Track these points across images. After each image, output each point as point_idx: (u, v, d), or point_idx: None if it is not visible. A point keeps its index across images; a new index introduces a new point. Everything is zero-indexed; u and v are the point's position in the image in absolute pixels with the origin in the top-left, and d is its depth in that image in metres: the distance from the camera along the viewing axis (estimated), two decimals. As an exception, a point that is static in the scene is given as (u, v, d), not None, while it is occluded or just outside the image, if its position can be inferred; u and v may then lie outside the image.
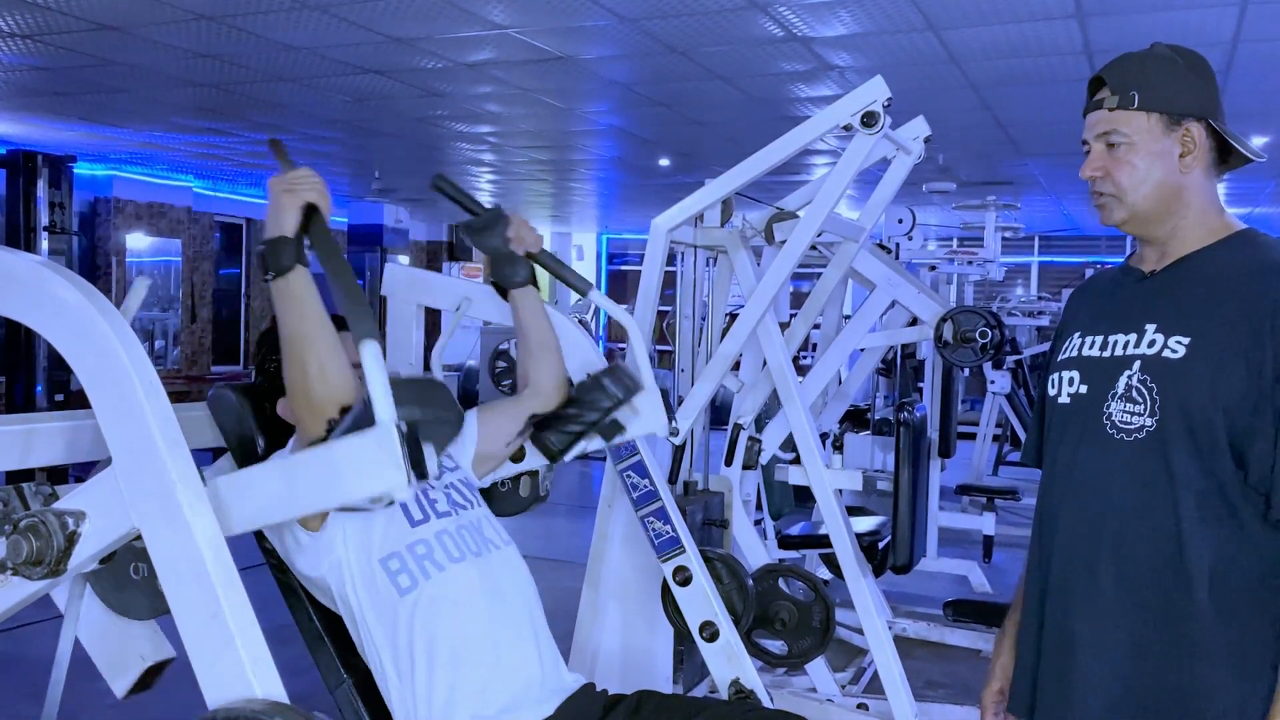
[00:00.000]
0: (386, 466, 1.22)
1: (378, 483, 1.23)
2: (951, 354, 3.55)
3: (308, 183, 1.56)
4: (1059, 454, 1.60)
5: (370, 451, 1.23)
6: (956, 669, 4.21)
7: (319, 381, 1.51)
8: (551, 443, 1.97)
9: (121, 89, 6.78)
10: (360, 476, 1.24)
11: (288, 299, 1.54)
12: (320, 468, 1.27)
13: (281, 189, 1.56)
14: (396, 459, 1.21)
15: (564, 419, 1.98)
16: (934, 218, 10.75)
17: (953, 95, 6.13)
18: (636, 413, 2.03)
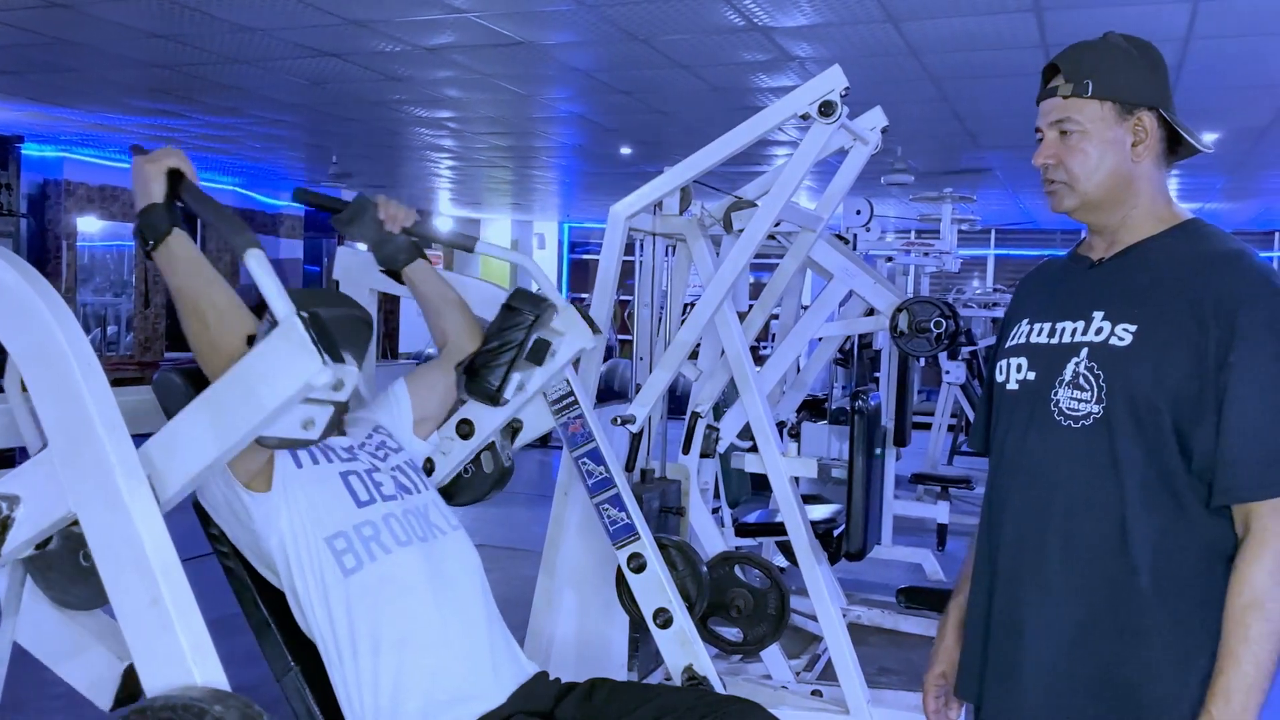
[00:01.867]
0: (297, 355, 1.20)
1: (293, 376, 1.20)
2: (907, 344, 3.58)
3: (166, 151, 1.59)
4: (1007, 441, 1.62)
5: (278, 347, 1.21)
6: (910, 655, 4.25)
7: (219, 327, 1.49)
8: (486, 383, 1.96)
9: (72, 68, 6.64)
10: (276, 376, 1.21)
11: (172, 261, 1.55)
12: (237, 386, 1.24)
13: (143, 162, 1.59)
14: (305, 343, 1.19)
15: (489, 354, 1.98)
16: (892, 210, 10.84)
17: (912, 87, 6.17)
18: (560, 333, 2.05)
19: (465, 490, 2.18)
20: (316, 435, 1.27)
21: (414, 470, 1.89)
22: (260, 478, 1.64)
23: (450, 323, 2.07)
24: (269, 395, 1.22)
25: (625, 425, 2.91)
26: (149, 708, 1.12)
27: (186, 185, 1.57)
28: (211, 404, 1.27)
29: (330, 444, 1.82)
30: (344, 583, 1.63)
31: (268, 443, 1.29)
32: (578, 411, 2.36)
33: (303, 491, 1.66)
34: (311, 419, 1.25)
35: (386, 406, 2.03)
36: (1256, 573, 1.39)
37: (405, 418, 2.01)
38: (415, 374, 2.09)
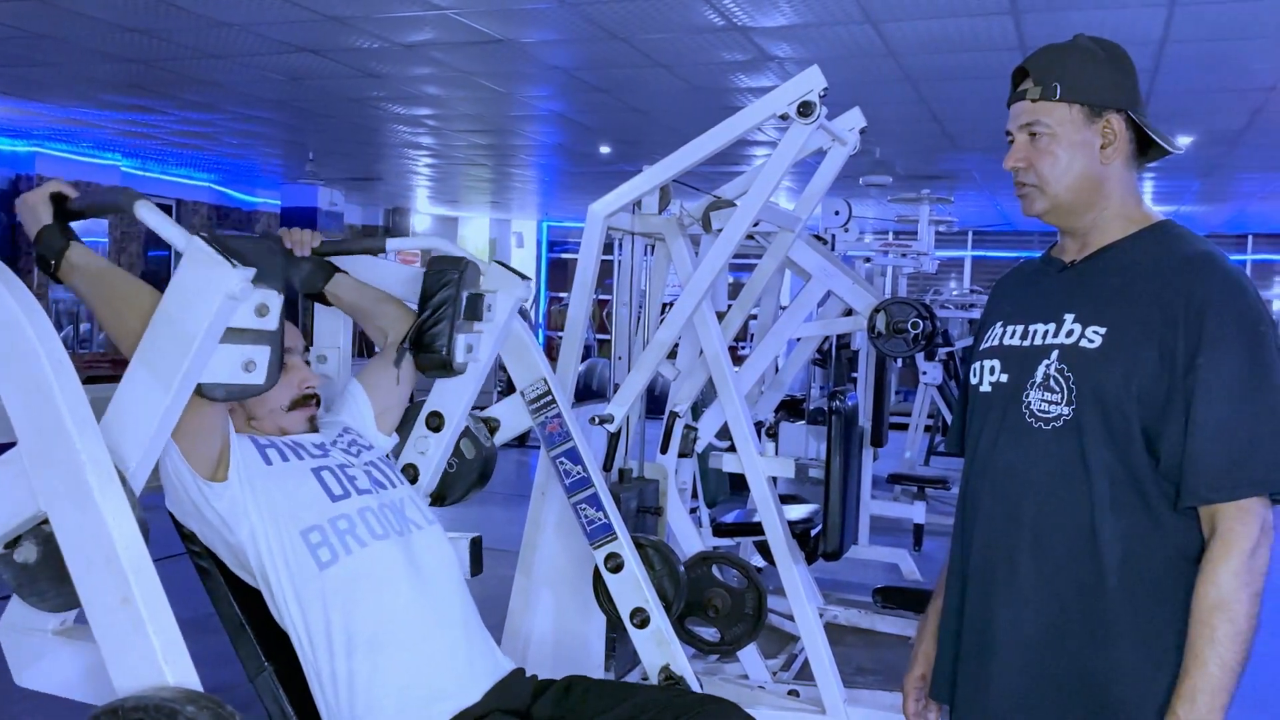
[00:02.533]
0: (207, 270, 1.22)
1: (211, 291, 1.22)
2: (884, 344, 3.59)
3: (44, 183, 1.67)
4: (980, 442, 1.62)
5: (187, 270, 1.24)
6: (886, 655, 4.26)
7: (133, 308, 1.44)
8: (436, 349, 1.94)
9: (45, 62, 6.56)
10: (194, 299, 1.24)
11: (75, 272, 1.57)
12: (162, 326, 1.27)
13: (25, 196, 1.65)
14: (212, 256, 1.22)
15: (427, 323, 1.96)
16: (870, 210, 10.88)
17: (890, 88, 6.19)
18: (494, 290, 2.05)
19: (455, 484, 2.17)
20: (262, 377, 1.27)
21: (388, 466, 1.88)
22: (219, 467, 1.64)
23: (384, 318, 2.07)
24: (193, 321, 1.24)
25: (603, 425, 2.91)
26: (120, 708, 1.11)
27: (70, 200, 1.64)
28: (145, 355, 1.28)
29: (301, 441, 1.80)
30: (319, 577, 1.62)
31: (213, 393, 1.29)
32: (555, 411, 2.35)
33: (274, 487, 1.65)
34: (251, 359, 1.26)
35: (348, 406, 2.03)
36: (1222, 574, 1.40)
37: (366, 413, 2.01)
38: (366, 369, 2.09)
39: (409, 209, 15.14)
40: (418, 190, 13.29)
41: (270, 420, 1.81)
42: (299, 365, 1.86)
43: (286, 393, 1.82)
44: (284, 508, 1.65)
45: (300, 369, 1.85)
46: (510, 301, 2.10)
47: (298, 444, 1.79)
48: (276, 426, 1.81)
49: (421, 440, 2.13)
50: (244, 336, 1.27)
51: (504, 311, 2.09)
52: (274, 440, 1.77)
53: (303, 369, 1.86)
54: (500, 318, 2.09)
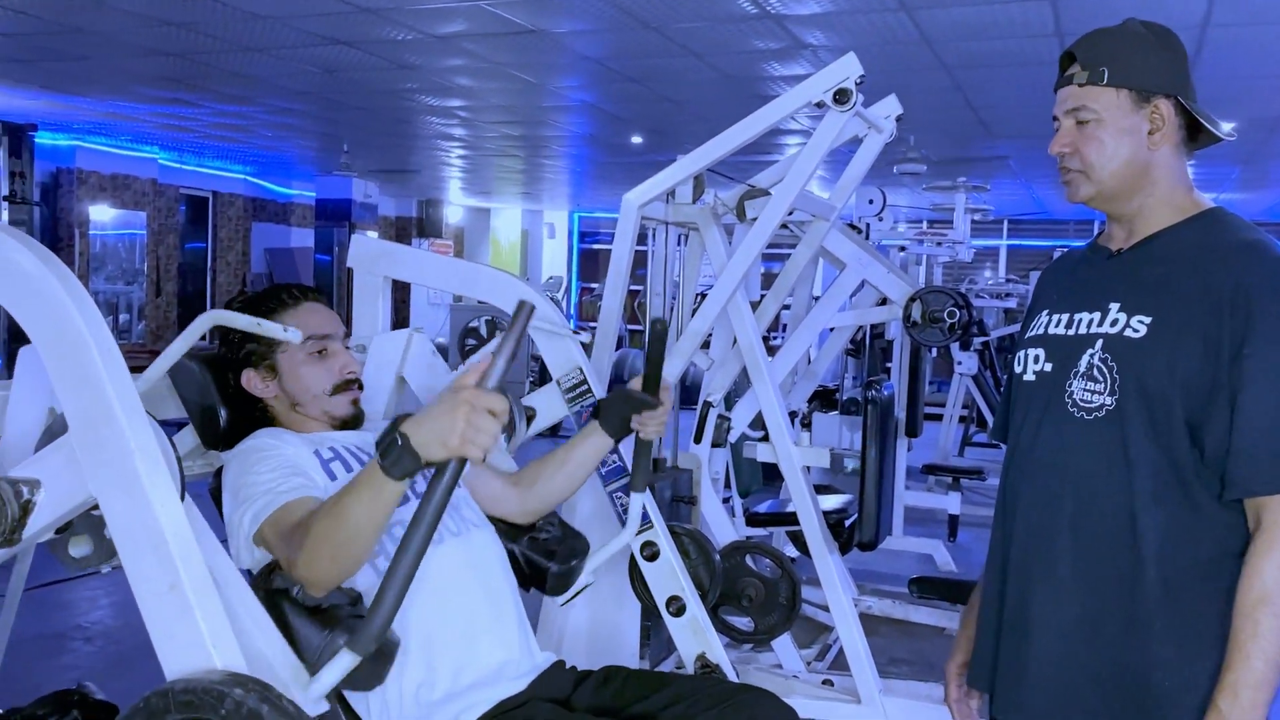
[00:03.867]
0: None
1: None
2: (919, 334, 3.57)
3: (489, 433, 1.28)
4: (1022, 432, 1.61)
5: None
6: (921, 646, 4.24)
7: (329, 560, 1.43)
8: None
9: (84, 56, 6.65)
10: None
11: (373, 494, 1.38)
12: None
13: (463, 425, 1.26)
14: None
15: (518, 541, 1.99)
16: (904, 199, 10.80)
17: (925, 76, 6.15)
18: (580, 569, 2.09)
19: None
20: None
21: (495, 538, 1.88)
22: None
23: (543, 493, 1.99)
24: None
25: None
26: (170, 690, 1.12)
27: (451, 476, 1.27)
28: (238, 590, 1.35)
29: (364, 447, 1.81)
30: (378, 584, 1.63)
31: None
32: (591, 400, 2.36)
33: None
34: None
35: None
36: (1268, 568, 1.38)
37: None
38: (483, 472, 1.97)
39: (442, 200, 15.21)
40: (450, 182, 13.35)
41: (314, 405, 1.82)
42: (340, 351, 1.86)
43: (328, 378, 1.83)
44: None
45: (341, 354, 1.86)
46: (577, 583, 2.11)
47: (359, 451, 1.79)
48: (321, 410, 1.83)
49: None
50: None
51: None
52: (336, 450, 1.76)
53: (344, 354, 1.87)
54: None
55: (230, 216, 12.88)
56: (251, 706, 1.09)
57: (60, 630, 4.14)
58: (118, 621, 4.35)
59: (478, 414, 1.26)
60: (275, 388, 1.82)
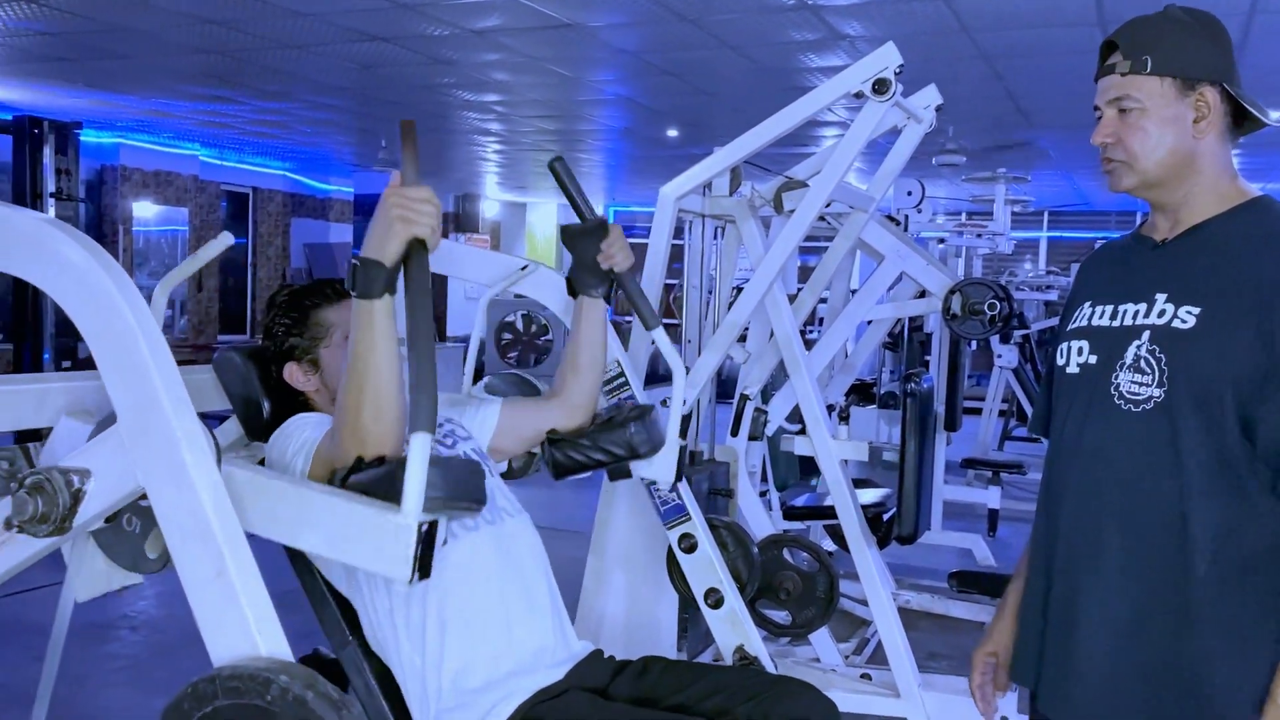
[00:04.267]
0: (396, 558, 1.24)
1: (382, 565, 1.25)
2: (959, 326, 3.54)
3: (424, 212, 1.42)
4: (1066, 425, 1.59)
5: (387, 535, 1.25)
6: (959, 641, 4.21)
7: (373, 413, 1.42)
8: (560, 461, 1.97)
9: (127, 55, 6.75)
10: (369, 550, 1.26)
11: (366, 325, 1.43)
12: (335, 519, 1.29)
13: (396, 212, 1.41)
14: (407, 555, 1.23)
15: (578, 448, 1.97)
16: (942, 191, 10.71)
17: (963, 66, 6.09)
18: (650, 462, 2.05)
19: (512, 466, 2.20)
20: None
21: (480, 455, 1.89)
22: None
23: (579, 386, 2.01)
24: (354, 553, 1.29)
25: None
26: (217, 676, 1.14)
27: (419, 264, 1.41)
28: (306, 504, 1.32)
29: None
30: None
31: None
32: (629, 392, 2.36)
33: None
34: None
35: (470, 414, 1.98)
36: None
37: (485, 433, 1.97)
38: (512, 405, 2.03)
39: (478, 195, 15.27)
40: (486, 176, 13.40)
41: None
42: None
43: None
44: None
45: None
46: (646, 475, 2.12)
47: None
48: None
49: None
50: None
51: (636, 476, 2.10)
52: None
53: None
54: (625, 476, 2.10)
55: (270, 212, 13.02)
56: (296, 693, 1.11)
57: (107, 619, 4.22)
58: (162, 612, 4.42)
59: (405, 200, 1.40)
60: (316, 381, 1.84)
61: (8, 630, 4.01)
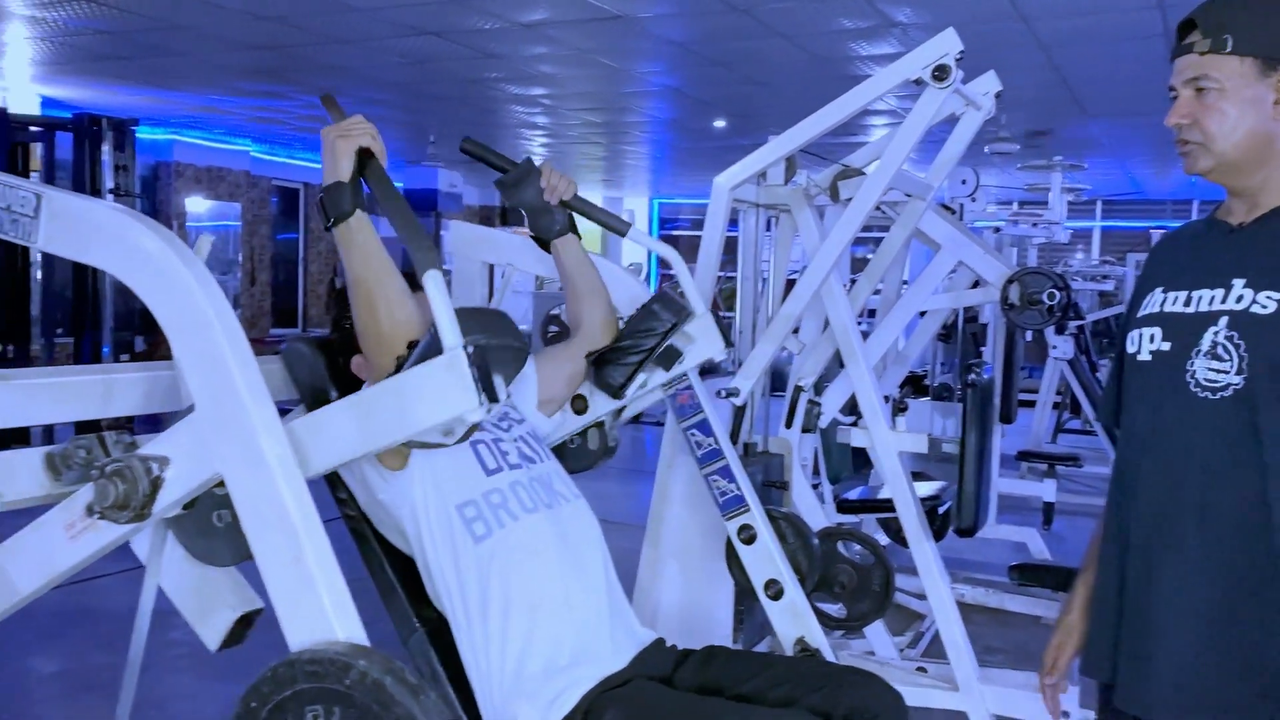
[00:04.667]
0: (456, 389, 1.23)
1: (449, 406, 1.24)
2: (1018, 316, 3.48)
3: (360, 127, 1.56)
4: (1139, 413, 1.56)
5: (440, 376, 1.24)
6: (1016, 635, 4.17)
7: (386, 320, 1.51)
8: (611, 377, 1.99)
9: (182, 52, 6.85)
10: (431, 402, 1.25)
11: (350, 244, 1.54)
12: (392, 399, 1.28)
13: (334, 135, 1.55)
14: (466, 381, 1.22)
15: (620, 351, 2.01)
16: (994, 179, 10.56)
17: (1018, 53, 5.99)
18: (691, 340, 2.05)
19: (569, 460, 2.20)
20: (453, 441, 1.30)
21: (536, 440, 1.90)
22: (397, 458, 1.68)
23: (589, 310, 2.07)
24: (420, 416, 1.27)
25: (729, 398, 2.90)
26: (296, 661, 1.15)
27: (374, 169, 1.54)
28: (363, 406, 1.32)
29: None
30: (474, 549, 1.66)
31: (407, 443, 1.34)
32: (687, 383, 2.36)
33: (437, 462, 1.69)
34: (452, 430, 1.29)
35: (515, 382, 2.03)
36: None
37: (531, 396, 2.02)
38: (544, 354, 2.10)
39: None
40: (532, 170, 13.43)
41: None
42: None
43: None
44: (443, 482, 1.69)
45: None
46: (701, 358, 2.13)
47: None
48: None
49: (560, 412, 2.16)
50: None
51: (691, 364, 2.13)
52: None
53: None
54: (684, 369, 2.13)
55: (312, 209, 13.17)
56: (375, 678, 1.11)
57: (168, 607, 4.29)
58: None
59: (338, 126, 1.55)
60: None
61: (71, 618, 4.10)
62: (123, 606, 2.04)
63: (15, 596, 1.41)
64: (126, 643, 1.99)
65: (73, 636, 4.01)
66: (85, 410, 1.63)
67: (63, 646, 3.89)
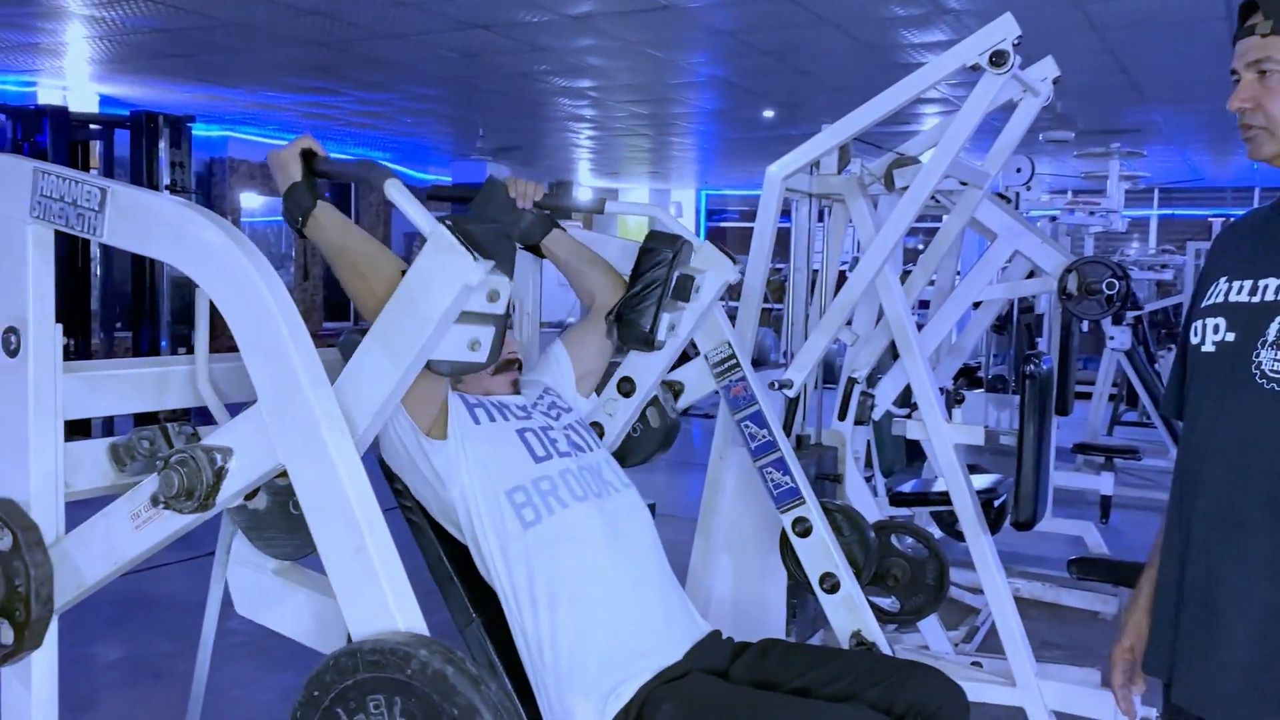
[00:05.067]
0: (448, 258, 1.26)
1: (450, 278, 1.26)
2: (1076, 306, 3.41)
3: (297, 140, 1.65)
4: (1203, 405, 1.52)
5: (430, 256, 1.27)
6: (1073, 630, 4.11)
7: (373, 273, 1.51)
8: (637, 326, 1.98)
9: (236, 49, 6.94)
10: (434, 285, 1.28)
11: (321, 231, 1.59)
12: (400, 306, 1.31)
13: (276, 153, 1.65)
14: (454, 245, 1.25)
15: (635, 298, 2.00)
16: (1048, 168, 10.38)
17: (1073, 38, 5.88)
18: (702, 270, 2.06)
19: (636, 449, 2.20)
20: (484, 356, 1.32)
21: (585, 429, 1.91)
22: (437, 424, 1.70)
23: (593, 281, 2.11)
24: (431, 305, 1.28)
25: (782, 390, 2.88)
26: (358, 650, 1.16)
27: (319, 159, 1.64)
28: (381, 332, 1.33)
29: (505, 403, 1.85)
30: (523, 535, 1.67)
31: (440, 368, 1.35)
32: (740, 374, 2.34)
33: (482, 446, 1.70)
34: (476, 339, 1.31)
35: (550, 368, 2.07)
36: None
37: (568, 376, 2.05)
38: (570, 333, 2.14)
39: (572, 182, 15.35)
40: (579, 163, 13.46)
41: (475, 382, 1.86)
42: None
43: None
44: (491, 467, 1.70)
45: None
46: (718, 283, 2.12)
47: (503, 405, 1.84)
48: (482, 388, 1.87)
49: (610, 403, 2.17)
50: (472, 318, 1.32)
51: (710, 292, 2.11)
52: (481, 400, 1.82)
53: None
54: (706, 299, 2.11)
55: (371, 202, 13.28)
56: (436, 668, 1.12)
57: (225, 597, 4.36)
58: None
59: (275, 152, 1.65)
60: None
61: (133, 606, 4.18)
62: (184, 594, 2.08)
63: (82, 585, 1.44)
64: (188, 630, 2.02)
65: (135, 624, 4.08)
66: (143, 402, 1.66)
67: (126, 634, 3.97)
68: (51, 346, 1.46)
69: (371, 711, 1.15)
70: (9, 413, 1.47)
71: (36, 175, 1.43)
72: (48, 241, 1.46)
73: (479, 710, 1.10)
